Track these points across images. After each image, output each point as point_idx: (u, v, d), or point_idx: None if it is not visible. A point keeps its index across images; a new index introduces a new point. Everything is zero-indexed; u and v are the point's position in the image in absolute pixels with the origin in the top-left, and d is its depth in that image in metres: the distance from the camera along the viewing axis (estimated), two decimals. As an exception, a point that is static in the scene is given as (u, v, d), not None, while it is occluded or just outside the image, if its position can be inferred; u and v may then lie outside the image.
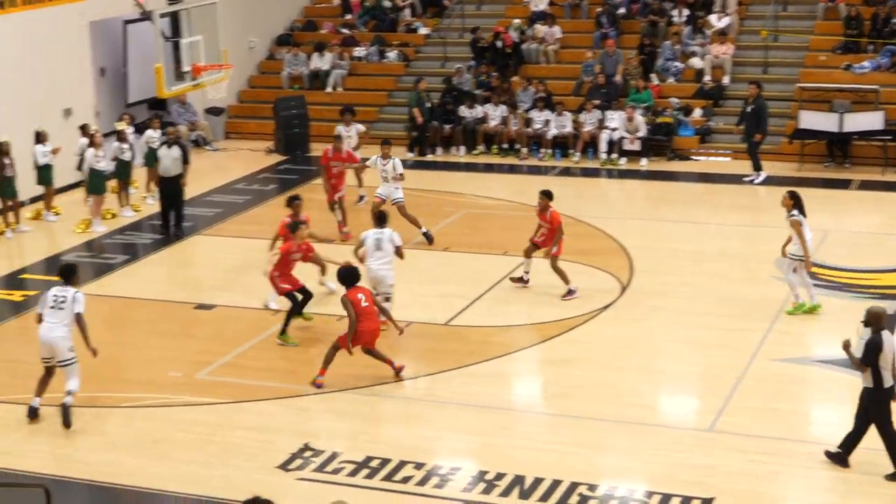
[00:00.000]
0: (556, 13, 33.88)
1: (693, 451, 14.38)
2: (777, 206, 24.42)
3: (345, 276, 16.47)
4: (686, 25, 32.25)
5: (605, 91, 30.49)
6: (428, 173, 28.69)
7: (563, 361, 17.33)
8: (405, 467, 14.07)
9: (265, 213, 25.19)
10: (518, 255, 21.12)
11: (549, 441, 14.82)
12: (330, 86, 33.55)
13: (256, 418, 15.63)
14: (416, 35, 35.07)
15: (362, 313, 16.14)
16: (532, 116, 30.33)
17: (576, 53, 32.52)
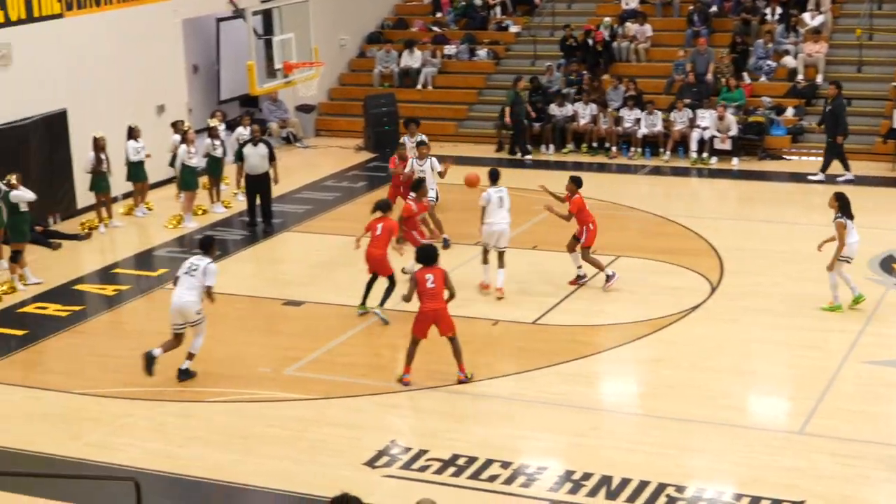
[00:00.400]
0: (648, 11, 33.67)
1: (783, 454, 14.18)
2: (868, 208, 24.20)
3: (423, 256, 16.47)
4: (779, 24, 31.90)
5: (695, 90, 30.23)
6: (517, 171, 28.59)
7: (652, 361, 17.19)
8: (492, 466, 14.01)
9: (354, 210, 25.23)
10: (607, 254, 21.02)
11: (637, 441, 14.68)
12: (420, 83, 33.59)
13: (344, 415, 15.66)
14: (506, 33, 35.01)
15: (425, 293, 16.06)
16: (622, 115, 30.15)
17: (667, 52, 32.29)
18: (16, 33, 24.22)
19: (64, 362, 17.97)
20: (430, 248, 16.68)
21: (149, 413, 15.78)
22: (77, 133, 25.21)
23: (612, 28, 33.02)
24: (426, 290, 16.10)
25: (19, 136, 23.97)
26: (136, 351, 17.97)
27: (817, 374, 16.37)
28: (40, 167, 24.41)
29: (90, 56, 25.93)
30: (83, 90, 25.72)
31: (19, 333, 19.09)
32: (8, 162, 22.46)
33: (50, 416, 15.89)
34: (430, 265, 16.32)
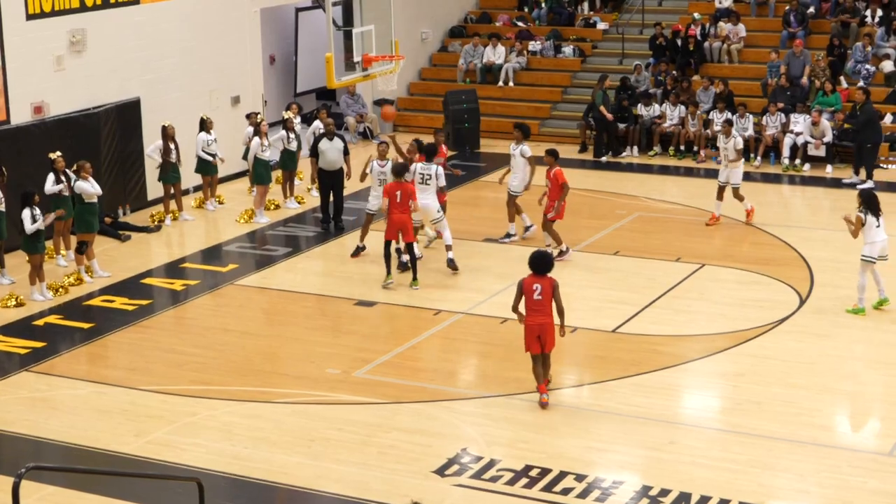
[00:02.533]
0: (742, 10, 33.43)
1: (871, 476, 14.01)
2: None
3: (535, 262, 15.75)
4: (879, 26, 31.54)
5: (789, 93, 29.97)
6: (601, 173, 28.55)
7: (736, 375, 17.05)
8: (566, 478, 13.98)
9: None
10: (692, 262, 20.96)
11: (718, 458, 14.57)
12: (502, 80, 33.58)
13: (414, 420, 15.69)
14: (593, 30, 34.90)
15: (531, 304, 15.58)
16: (712, 118, 29.94)
17: (760, 53, 32.04)
18: (91, 19, 24.52)
19: (129, 357, 18.15)
20: (545, 256, 15.94)
21: (214, 412, 15.91)
22: (149, 123, 25.45)
23: (704, 27, 32.82)
24: (532, 301, 15.60)
25: (92, 123, 24.26)
26: (202, 348, 18.21)
27: (910, 393, 16.21)
28: (112, 156, 24.70)
29: (165, 44, 26.20)
30: (157, 79, 25.99)
31: (85, 326, 19.32)
32: (80, 150, 22.77)
33: (114, 412, 16.07)
34: (541, 274, 15.69)
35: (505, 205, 23.07)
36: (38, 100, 23.63)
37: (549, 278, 15.64)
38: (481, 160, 29.74)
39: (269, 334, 19.11)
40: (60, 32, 23.99)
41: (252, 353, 18.04)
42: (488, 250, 22.48)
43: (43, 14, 23.62)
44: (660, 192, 26.82)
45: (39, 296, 20.27)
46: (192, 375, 17.16)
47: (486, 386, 16.88)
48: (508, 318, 18.75)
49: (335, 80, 24.76)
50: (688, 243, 22.74)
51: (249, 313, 20.14)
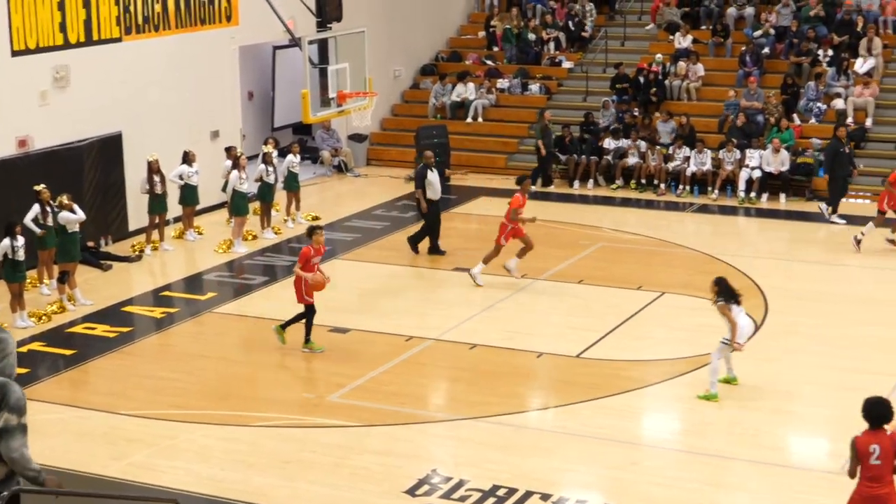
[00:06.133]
0: (700, 51, 33.63)
1: (823, 494, 14.05)
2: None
3: (868, 412, 11.64)
4: (830, 67, 31.78)
5: (745, 130, 30.15)
6: (566, 205, 28.63)
7: (693, 398, 17.07)
8: (531, 498, 13.96)
9: (402, 239, 25.26)
10: (653, 290, 21.04)
11: (677, 478, 14.60)
12: (471, 116, 33.68)
13: (386, 443, 15.65)
14: (559, 69, 35.07)
15: (867, 469, 11.45)
16: (672, 153, 30.10)
17: (718, 91, 32.23)
18: (74, 56, 24.49)
19: (110, 383, 18.06)
20: (882, 404, 11.67)
21: (193, 436, 15.83)
22: (131, 156, 25.42)
23: (665, 66, 33.01)
24: (867, 466, 11.47)
25: (75, 157, 24.21)
26: (181, 374, 18.15)
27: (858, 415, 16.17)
28: (94, 188, 24.66)
29: (147, 80, 26.18)
30: (139, 114, 25.96)
31: (67, 353, 19.23)
32: (63, 182, 22.66)
33: (94, 435, 15.97)
34: (878, 427, 11.58)
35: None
36: (22, 134, 23.58)
37: (891, 435, 11.52)
38: (452, 193, 29.76)
39: (247, 360, 19.06)
40: (44, 69, 23.95)
41: (230, 379, 17.99)
42: (457, 279, 22.49)
43: (28, 51, 23.58)
44: (622, 224, 26.91)
45: (22, 322, 20.18)
46: (171, 400, 17.09)
47: (454, 409, 16.88)
48: (477, 345, 18.83)
49: (311, 116, 24.79)
50: (648, 272, 22.81)
51: (228, 340, 20.10)
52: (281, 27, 26.96)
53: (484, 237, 24.04)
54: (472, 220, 25.74)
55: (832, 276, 22.88)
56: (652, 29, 35.56)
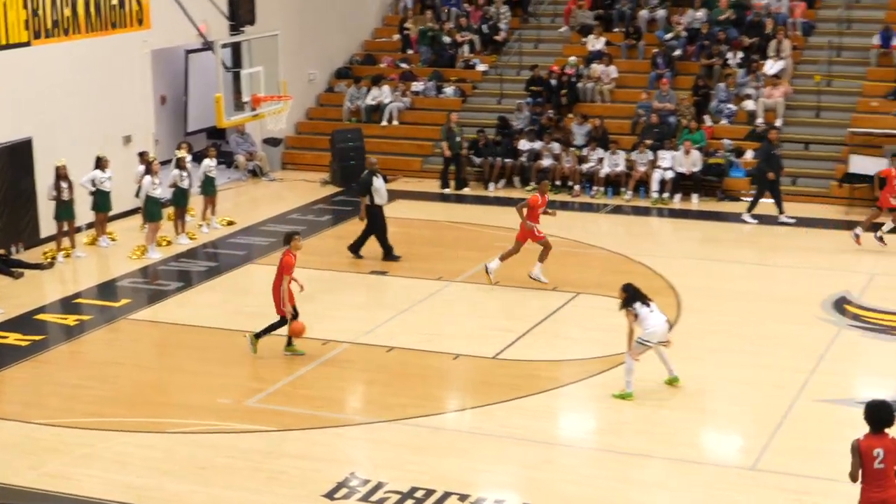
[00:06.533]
0: (613, 53, 33.93)
1: (736, 489, 14.29)
2: (822, 249, 24.56)
3: (870, 415, 11.60)
4: (740, 68, 32.20)
5: (657, 131, 30.48)
6: (481, 207, 28.75)
7: (608, 397, 17.24)
8: (449, 498, 14.04)
9: (319, 243, 25.30)
10: (568, 291, 21.21)
11: (592, 476, 14.77)
12: (385, 119, 33.74)
13: (304, 447, 15.66)
14: (473, 72, 35.21)
15: (870, 473, 11.44)
16: (585, 154, 30.36)
17: (631, 93, 32.55)
18: (-17, 61, 24.23)
19: (24, 392, 17.89)
20: (885, 408, 11.65)
21: (109, 444, 15.73)
22: (42, 162, 25.16)
23: (578, 69, 33.27)
24: (872, 471, 11.43)
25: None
26: (96, 381, 18.03)
27: (771, 411, 16.52)
28: (4, 195, 24.39)
29: (57, 85, 25.91)
30: (49, 119, 25.67)
31: (-21, 362, 19.04)
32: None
33: (9, 446, 15.80)
34: (879, 431, 11.54)
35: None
36: (-69, 140, 23.31)
37: (893, 439, 11.51)
38: (367, 196, 29.81)
39: (162, 367, 18.99)
40: (-47, 74, 23.71)
41: (145, 386, 17.91)
42: (374, 282, 22.54)
43: (-64, 56, 23.32)
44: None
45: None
46: (86, 408, 16.97)
47: (372, 412, 16.93)
48: (394, 347, 18.88)
49: (225, 120, 24.74)
50: (563, 273, 22.96)
51: (142, 347, 20.00)
52: (193, 31, 26.85)
53: (401, 239, 24.15)
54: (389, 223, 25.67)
55: (745, 274, 23.18)
56: (565, 31, 35.80)
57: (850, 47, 32.60)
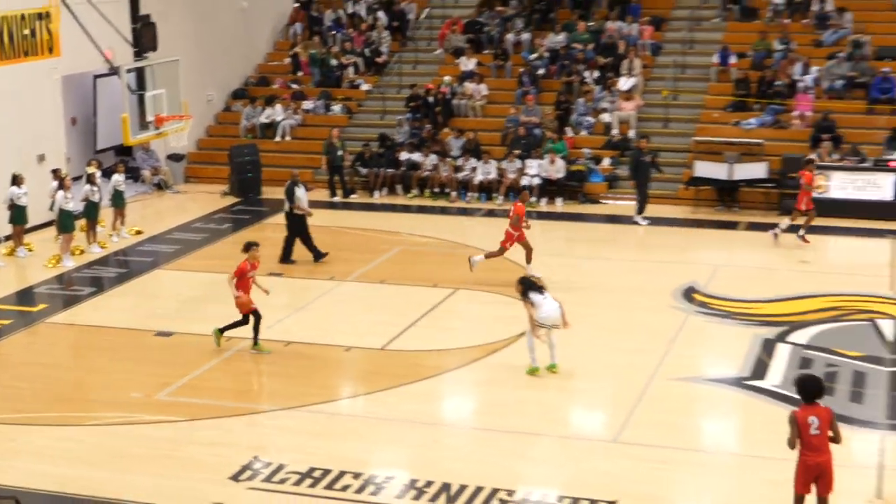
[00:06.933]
0: (484, 72, 34.15)
1: (600, 460, 14.52)
2: (672, 245, 25.01)
3: (802, 388, 11.98)
4: (597, 85, 32.62)
5: (525, 142, 30.76)
6: (367, 213, 28.77)
7: (487, 381, 17.42)
8: (344, 477, 14.08)
9: (221, 249, 25.17)
10: (448, 287, 21.34)
11: (474, 452, 14.89)
12: (279, 135, 33.62)
13: (211, 434, 15.57)
14: (358, 91, 35.20)
15: (808, 441, 11.74)
16: (461, 164, 30.54)
17: (500, 108, 32.78)
18: None
19: (-50, 391, 17.55)
20: (814, 380, 12.12)
21: (30, 437, 15.50)
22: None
23: (453, 87, 33.44)
24: (809, 437, 11.74)
25: None
26: (17, 380, 17.74)
27: (630, 390, 16.78)
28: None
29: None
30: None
31: None
32: None
33: (-63, 440, 15.53)
34: (811, 402, 11.85)
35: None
36: None
37: (824, 408, 11.84)
38: (264, 205, 29.70)
39: (78, 366, 18.76)
40: None
41: (63, 383, 17.67)
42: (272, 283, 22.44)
43: None
44: (418, 228, 27.17)
45: None
46: (8, 405, 16.68)
47: (273, 400, 16.89)
48: (292, 342, 18.85)
49: (131, 138, 24.49)
50: (443, 271, 23.08)
51: (60, 348, 19.72)
52: (100, 57, 26.51)
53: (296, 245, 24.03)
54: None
55: (605, 269, 23.48)
56: (440, 54, 35.96)
57: (693, 65, 33.18)
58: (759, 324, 19.67)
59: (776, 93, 31.10)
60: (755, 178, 28.47)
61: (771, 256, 24.52)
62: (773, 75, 31.36)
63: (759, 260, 24.34)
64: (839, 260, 24.97)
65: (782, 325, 19.59)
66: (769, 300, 21.01)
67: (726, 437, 15.70)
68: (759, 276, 22.92)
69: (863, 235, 25.45)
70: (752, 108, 31.17)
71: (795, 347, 18.50)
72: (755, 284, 21.99)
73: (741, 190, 28.66)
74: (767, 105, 30.85)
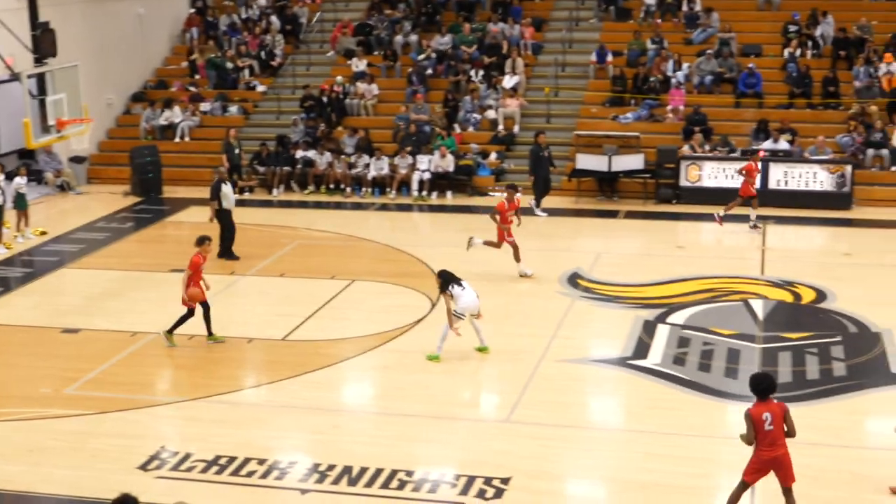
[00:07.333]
0: (374, 73, 34.12)
1: (494, 439, 14.63)
2: (557, 234, 25.28)
3: (756, 386, 11.88)
4: (483, 83, 32.79)
5: (415, 138, 30.81)
6: (268, 209, 28.60)
7: (384, 367, 17.45)
8: (250, 463, 14.02)
9: (124, 247, 24.85)
10: (345, 278, 21.31)
11: (373, 436, 14.91)
12: (178, 136, 33.25)
13: (119, 426, 15.38)
14: (254, 92, 34.95)
15: (763, 436, 11.67)
16: (354, 161, 30.50)
17: (391, 107, 32.80)
18: None
19: None
20: (766, 378, 12.01)
21: (-58, 433, 15.20)
22: None
23: (345, 87, 33.37)
24: (763, 432, 11.65)
25: None
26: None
27: (520, 372, 16.93)
28: None
29: None
30: None
31: None
32: None
33: None
34: (765, 399, 11.78)
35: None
36: None
37: (778, 404, 11.79)
38: (165, 204, 29.36)
39: (-13, 363, 18.39)
40: None
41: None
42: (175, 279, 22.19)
43: None
44: (315, 223, 27.09)
45: None
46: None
47: (179, 392, 16.73)
48: (195, 335, 18.67)
49: (33, 142, 24.02)
50: (340, 264, 23.06)
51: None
52: (1, 64, 25.95)
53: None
54: (185, 228, 25.42)
55: (495, 257, 23.57)
56: (332, 55, 35.85)
57: (572, 63, 33.53)
58: (640, 306, 19.98)
59: (650, 88, 31.58)
60: (633, 169, 28.87)
61: (649, 242, 24.92)
62: (647, 72, 31.84)
63: (639, 246, 24.73)
64: (713, 245, 25.46)
65: (661, 307, 19.92)
66: (649, 284, 21.35)
67: (611, 414, 15.94)
68: (638, 261, 23.28)
69: (734, 221, 25.95)
70: (628, 103, 31.63)
71: (674, 328, 18.84)
72: (635, 269, 22.32)
73: (620, 180, 29.06)
74: (642, 100, 31.33)
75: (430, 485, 13.42)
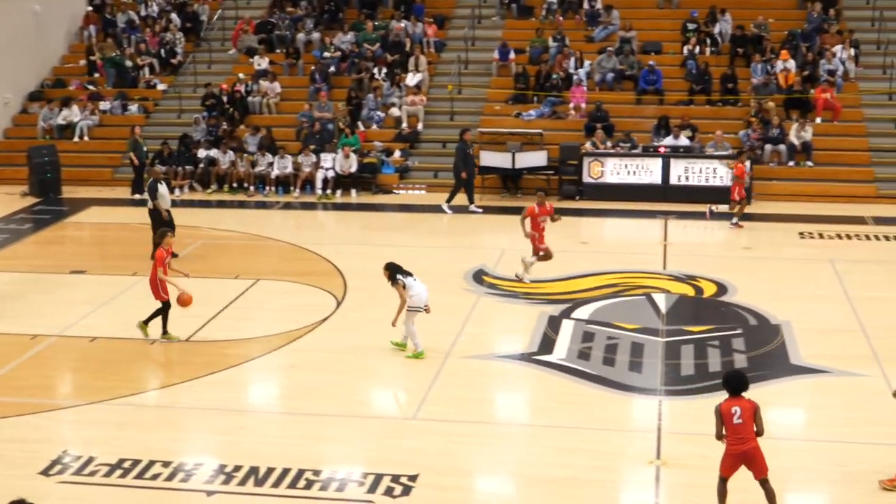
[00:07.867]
0: (277, 71, 33.90)
1: (401, 436, 14.59)
2: (465, 231, 25.32)
3: (728, 383, 12.08)
4: (386, 81, 32.74)
5: (319, 136, 30.67)
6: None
7: (290, 367, 17.32)
8: (154, 466, 13.80)
9: (23, 248, 24.33)
10: (249, 278, 21.13)
11: (280, 436, 14.78)
12: (77, 136, 32.69)
13: (19, 431, 15.03)
14: (154, 91, 34.52)
15: (731, 431, 11.85)
16: (257, 159, 30.25)
17: (294, 105, 32.61)
18: None
19: None
20: (738, 376, 12.23)
21: None
22: None
23: (247, 85, 33.10)
24: (733, 426, 11.84)
25: None
26: None
27: (427, 368, 16.91)
28: None
29: None
30: None
31: None
32: None
33: None
34: (736, 395, 11.97)
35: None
36: None
37: (748, 401, 11.93)
38: (64, 205, 28.84)
39: None
40: None
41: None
42: (76, 281, 21.85)
43: None
44: (218, 223, 26.81)
45: None
46: None
47: (81, 395, 16.41)
48: (97, 337, 18.36)
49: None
50: (244, 263, 22.86)
51: None
52: None
53: (96, 241, 23.47)
54: (85, 228, 25.00)
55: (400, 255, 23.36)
56: (234, 53, 35.56)
57: (475, 61, 33.66)
58: (545, 302, 20.11)
59: (553, 86, 31.82)
60: (536, 165, 29.08)
61: (553, 238, 25.01)
62: (550, 69, 32.07)
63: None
64: (616, 240, 25.72)
65: (566, 302, 20.07)
66: (553, 279, 21.48)
67: (518, 410, 16.00)
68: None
69: (636, 216, 26.23)
70: (531, 100, 31.84)
71: (578, 322, 18.98)
72: (540, 265, 22.41)
73: (524, 177, 29.22)
74: (545, 97, 31.54)
75: (338, 483, 13.33)
